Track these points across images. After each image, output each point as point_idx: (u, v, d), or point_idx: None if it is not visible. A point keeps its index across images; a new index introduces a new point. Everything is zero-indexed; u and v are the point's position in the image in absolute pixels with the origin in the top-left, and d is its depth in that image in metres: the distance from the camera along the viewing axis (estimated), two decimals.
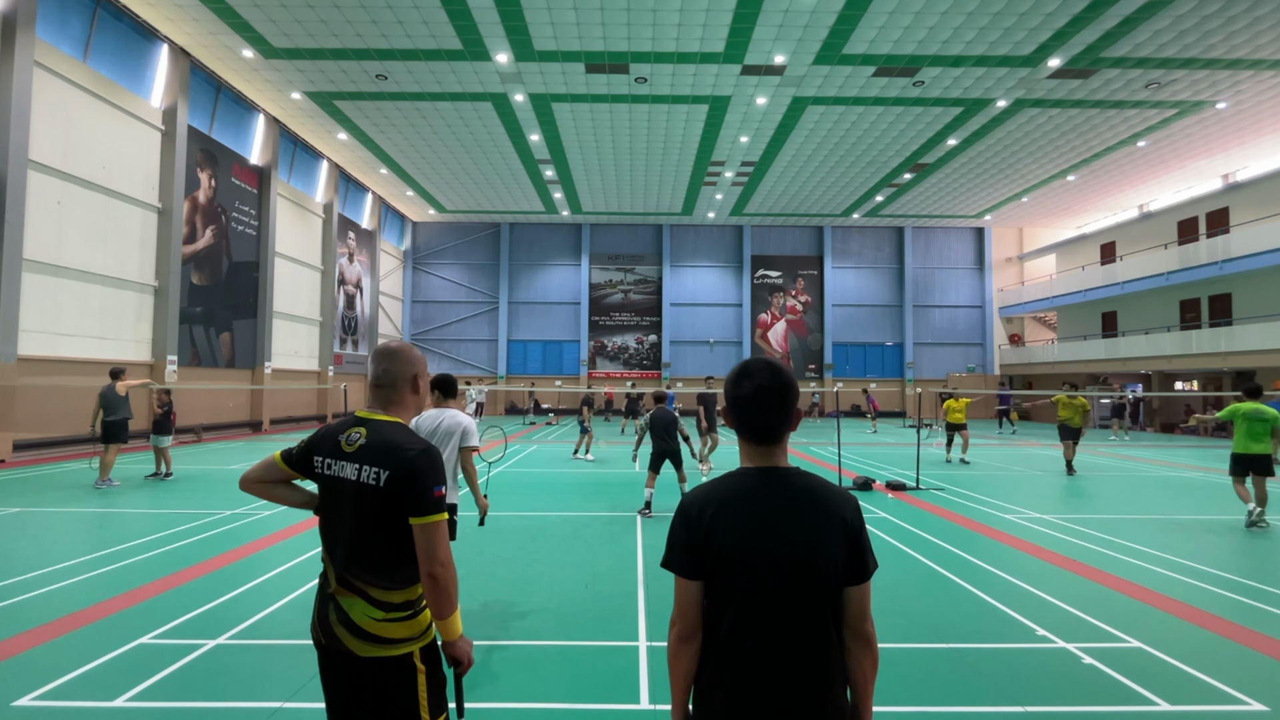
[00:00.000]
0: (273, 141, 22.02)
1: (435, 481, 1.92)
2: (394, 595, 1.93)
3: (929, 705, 3.54)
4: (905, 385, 35.22)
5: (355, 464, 1.96)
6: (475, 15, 15.33)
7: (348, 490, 1.96)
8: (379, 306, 31.57)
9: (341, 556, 1.95)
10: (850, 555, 1.52)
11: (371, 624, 1.90)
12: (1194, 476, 12.84)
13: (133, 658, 4.02)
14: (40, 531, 7.32)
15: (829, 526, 1.52)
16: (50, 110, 14.06)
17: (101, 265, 15.50)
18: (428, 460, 1.93)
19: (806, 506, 1.53)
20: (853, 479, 11.15)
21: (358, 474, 1.95)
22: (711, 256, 35.86)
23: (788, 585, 1.50)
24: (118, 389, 10.47)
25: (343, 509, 1.97)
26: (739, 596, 1.51)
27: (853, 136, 22.70)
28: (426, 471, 1.91)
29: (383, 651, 1.89)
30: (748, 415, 1.59)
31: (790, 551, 1.50)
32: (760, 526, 1.51)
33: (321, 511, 2.06)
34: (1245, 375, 24.37)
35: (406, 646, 1.93)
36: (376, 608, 1.91)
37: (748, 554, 1.51)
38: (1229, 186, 24.93)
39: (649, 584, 5.62)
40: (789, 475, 1.57)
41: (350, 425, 2.05)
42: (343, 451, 1.99)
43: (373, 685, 1.90)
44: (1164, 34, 15.67)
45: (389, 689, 1.90)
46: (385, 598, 1.92)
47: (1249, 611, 5.04)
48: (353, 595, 1.91)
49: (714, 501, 1.55)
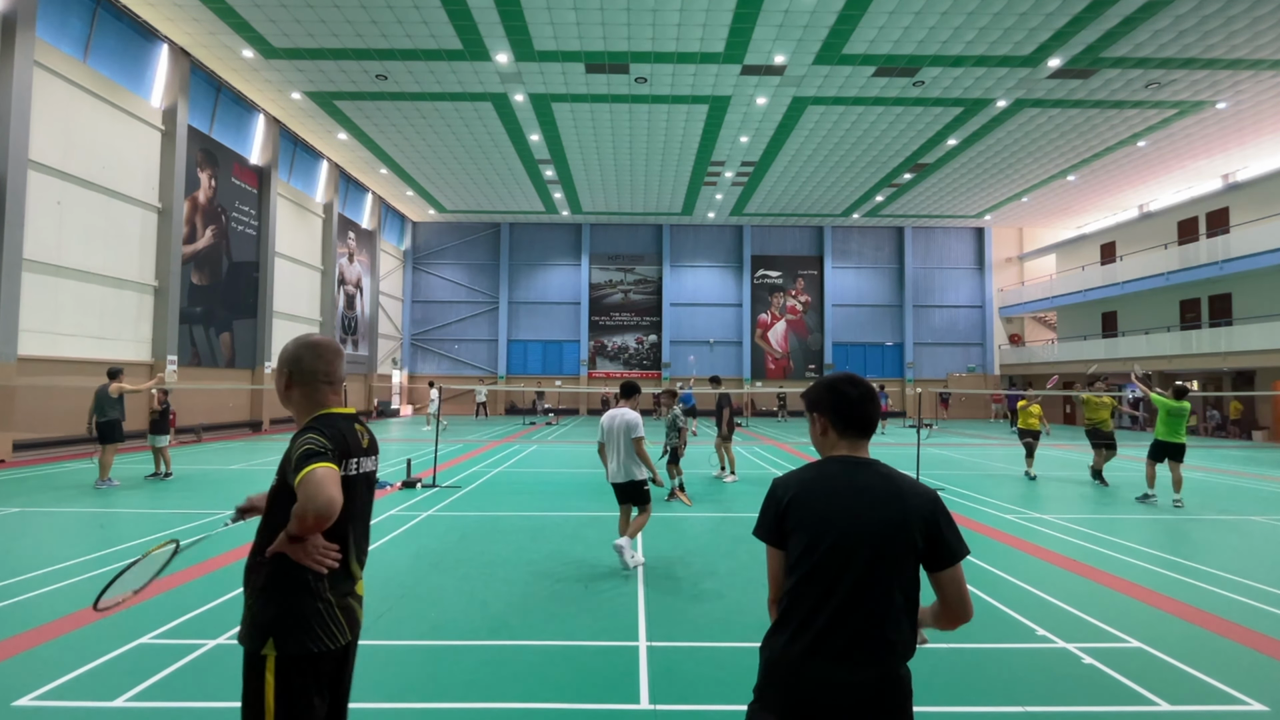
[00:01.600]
0: (273, 141, 22.02)
1: None
2: None
3: (929, 705, 3.54)
4: (905, 385, 35.23)
5: (372, 457, 2.13)
6: (475, 15, 15.33)
7: (369, 485, 2.11)
8: (379, 306, 31.57)
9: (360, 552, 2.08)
10: (930, 541, 1.71)
11: None
12: (1194, 476, 12.83)
13: (133, 658, 4.02)
14: (40, 531, 7.32)
15: (900, 509, 1.71)
16: (50, 110, 14.06)
17: (101, 265, 15.51)
18: None
19: (879, 490, 1.74)
20: None
21: (374, 466, 2.14)
22: (711, 256, 35.86)
23: (854, 558, 1.69)
24: (110, 390, 10.30)
25: (367, 505, 2.11)
26: (808, 563, 1.72)
27: (853, 136, 22.70)
28: None
29: None
30: (855, 413, 1.85)
31: (857, 527, 1.70)
32: (833, 502, 1.74)
33: (348, 512, 1.99)
34: (1245, 375, 24.39)
35: None
36: None
37: (817, 525, 1.73)
38: (1229, 186, 24.93)
39: (649, 584, 5.62)
40: (870, 464, 1.81)
41: (352, 421, 2.10)
42: (363, 449, 2.10)
43: None
44: (1164, 34, 15.67)
45: None
46: None
47: (1249, 611, 5.04)
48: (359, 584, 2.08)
49: (798, 482, 1.81)
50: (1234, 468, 14.64)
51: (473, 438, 20.37)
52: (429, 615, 4.83)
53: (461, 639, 4.40)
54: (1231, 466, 14.86)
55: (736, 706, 3.50)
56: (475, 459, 14.72)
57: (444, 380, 33.60)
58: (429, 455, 13.76)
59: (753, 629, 4.62)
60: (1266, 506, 9.70)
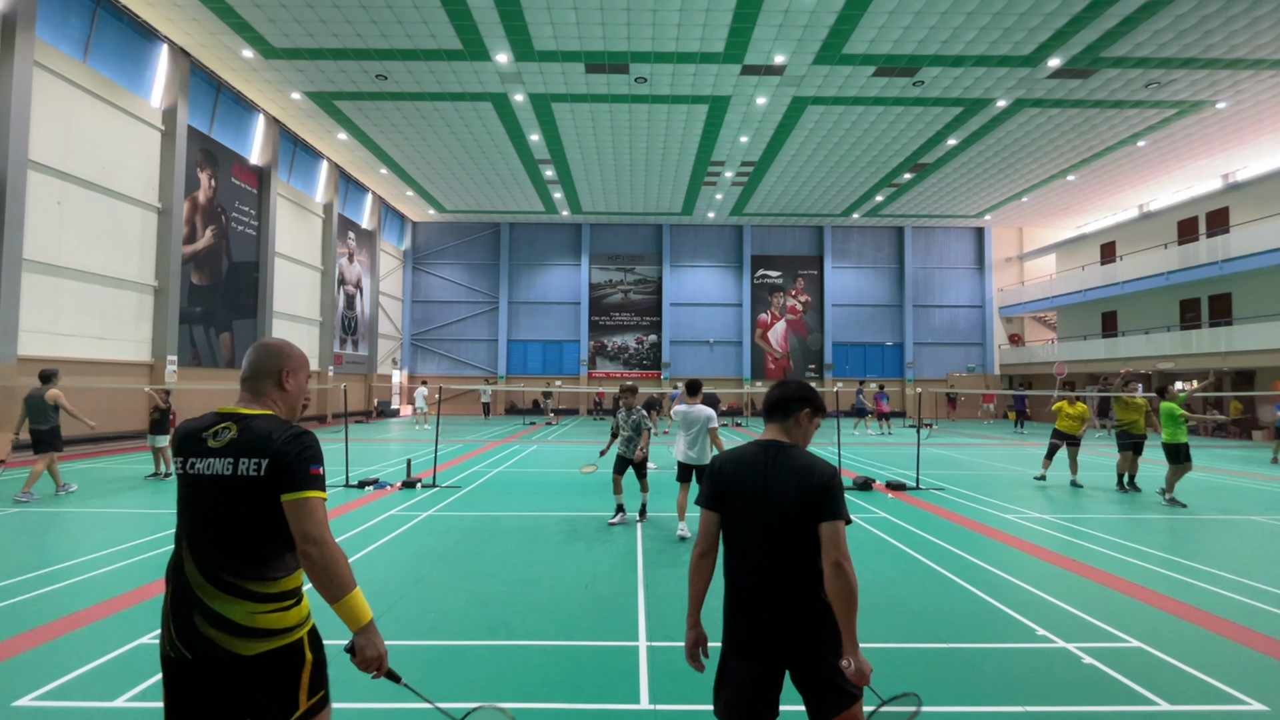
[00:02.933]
0: (273, 141, 22.02)
1: (312, 461, 1.93)
2: (276, 586, 1.91)
3: (929, 705, 3.54)
4: (905, 385, 35.23)
5: (229, 458, 1.91)
6: (475, 15, 15.33)
7: (223, 485, 1.90)
8: (379, 306, 31.57)
9: (215, 557, 1.88)
10: (822, 500, 2.13)
11: (258, 619, 1.86)
12: (1193, 476, 12.83)
13: (133, 658, 4.02)
14: (40, 531, 7.32)
15: (805, 479, 2.16)
16: (50, 110, 14.06)
17: (101, 265, 15.51)
18: (303, 443, 1.94)
19: (787, 464, 2.22)
20: (853, 479, 11.15)
21: (233, 468, 1.90)
22: (711, 256, 35.85)
23: (769, 519, 2.19)
24: (47, 397, 9.25)
25: (216, 506, 1.91)
26: (736, 527, 2.26)
27: (853, 136, 22.70)
28: (301, 452, 1.92)
29: (273, 644, 1.88)
30: (766, 406, 2.43)
31: (769, 494, 2.20)
32: (753, 475, 2.24)
33: (186, 513, 1.94)
34: (1245, 375, 24.39)
35: (296, 634, 1.93)
36: (260, 601, 1.87)
37: (741, 494, 2.25)
38: (1229, 186, 24.93)
39: (649, 584, 5.62)
40: (785, 447, 2.29)
41: (214, 423, 2.00)
42: (209, 449, 1.94)
43: (254, 682, 1.86)
44: (1164, 34, 15.67)
45: (274, 680, 1.88)
46: (267, 590, 1.89)
47: (1249, 611, 5.04)
48: (229, 596, 1.85)
49: (731, 459, 2.34)
50: (1234, 468, 14.64)
51: (472, 438, 20.37)
52: (429, 615, 4.83)
53: (461, 639, 4.40)
54: (1231, 466, 14.87)
55: None
56: (475, 459, 14.71)
57: (444, 380, 33.60)
58: (429, 455, 13.77)
59: None
60: (1266, 506, 9.70)
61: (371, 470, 12.43)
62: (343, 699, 3.56)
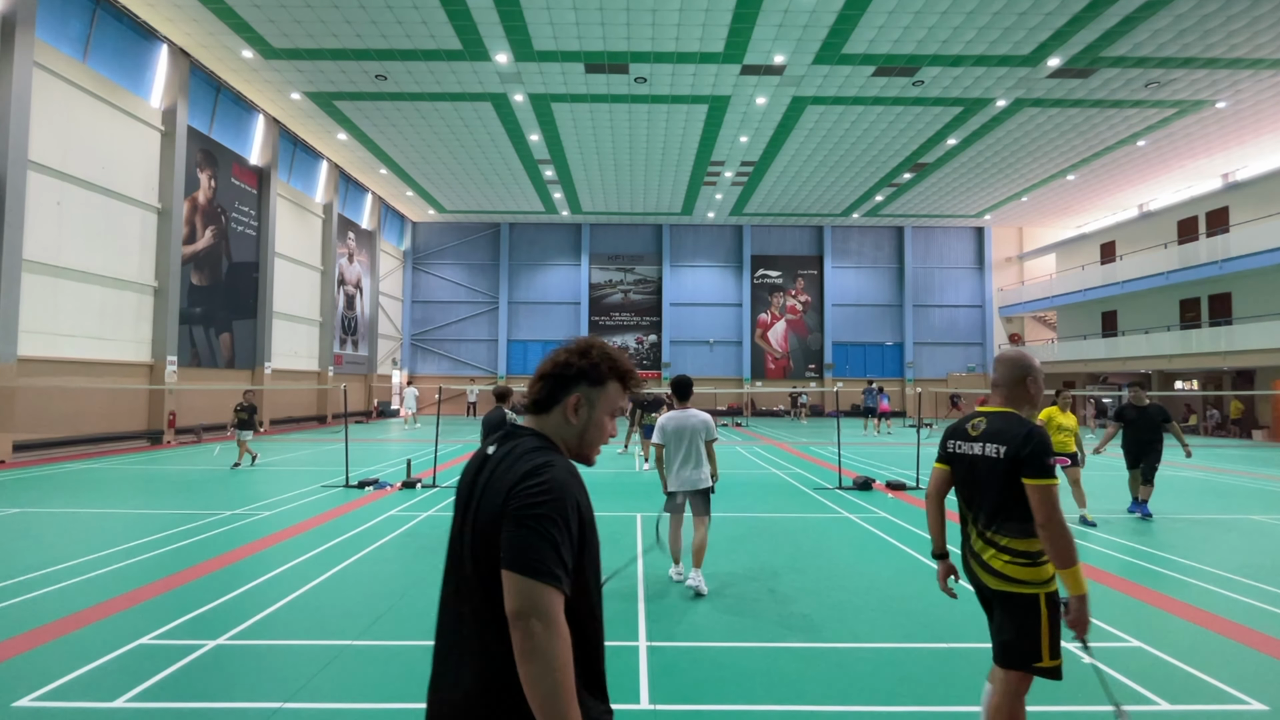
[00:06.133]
0: (272, 142, 22.02)
1: (1045, 453, 2.48)
2: (1015, 544, 2.55)
3: (929, 705, 3.54)
4: (905, 385, 35.23)
5: (980, 444, 2.65)
6: (475, 15, 15.32)
7: (973, 464, 2.66)
8: (379, 307, 31.57)
9: (976, 514, 2.67)
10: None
11: (999, 565, 2.57)
12: (1193, 475, 12.84)
13: (133, 658, 4.02)
14: (40, 531, 7.32)
15: None
16: (50, 110, 14.05)
17: (101, 266, 15.50)
18: (1031, 439, 2.50)
19: None
20: (853, 479, 11.15)
21: (982, 450, 2.63)
22: (711, 256, 35.86)
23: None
24: None
25: (975, 478, 2.65)
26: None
27: (852, 136, 22.70)
28: (1036, 446, 2.48)
29: (1005, 587, 2.56)
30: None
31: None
32: None
33: (959, 482, 2.77)
34: (1245, 374, 24.39)
35: (1029, 589, 2.53)
36: (1001, 552, 2.57)
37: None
38: (1229, 186, 24.93)
39: (649, 584, 5.62)
40: None
41: (974, 417, 2.75)
42: (970, 436, 2.71)
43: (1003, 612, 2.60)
44: (1164, 33, 15.67)
45: (1017, 620, 2.55)
46: (1015, 545, 2.54)
47: (1249, 611, 5.04)
48: (983, 543, 2.63)
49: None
50: (1234, 467, 14.64)
51: (472, 438, 20.36)
52: (429, 615, 4.82)
53: None
54: (1231, 466, 14.87)
55: (736, 706, 3.50)
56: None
57: (444, 381, 33.61)
58: (429, 455, 13.77)
59: (751, 628, 4.62)
60: (1266, 506, 9.70)
61: (371, 470, 12.43)
62: (344, 699, 3.56)
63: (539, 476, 1.35)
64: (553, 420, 1.54)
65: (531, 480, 1.35)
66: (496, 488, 1.38)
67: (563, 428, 1.54)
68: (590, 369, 1.54)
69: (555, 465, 1.39)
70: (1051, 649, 2.49)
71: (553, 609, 1.27)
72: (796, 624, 4.71)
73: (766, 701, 3.55)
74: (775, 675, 3.90)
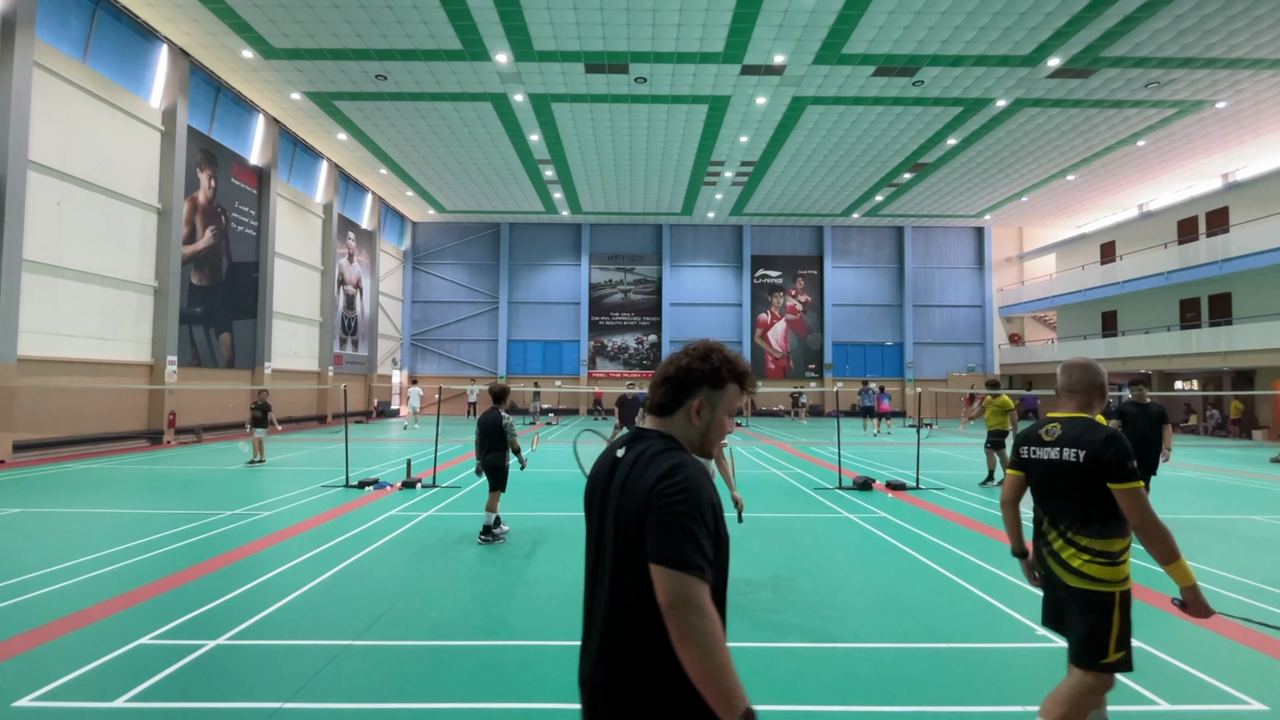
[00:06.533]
0: (272, 142, 22.02)
1: (1128, 457, 2.55)
2: (1095, 544, 2.62)
3: (929, 705, 3.54)
4: (905, 385, 35.23)
5: (1056, 449, 2.70)
6: (475, 15, 15.32)
7: (1050, 469, 2.71)
8: (379, 307, 31.57)
9: (1055, 516, 2.73)
10: None
11: (1079, 564, 2.64)
12: (1193, 475, 12.84)
13: (133, 658, 4.02)
14: (40, 531, 7.32)
15: None
16: (50, 110, 14.05)
17: (101, 266, 15.50)
18: (1112, 443, 2.58)
19: None
20: (853, 479, 11.15)
21: (1060, 454, 2.69)
22: (711, 256, 35.86)
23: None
24: None
25: (1054, 483, 2.71)
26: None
27: (852, 136, 22.70)
28: (1118, 451, 2.55)
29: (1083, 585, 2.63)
30: None
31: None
32: None
33: (1035, 486, 2.83)
34: (1245, 375, 24.38)
35: (1107, 587, 2.60)
36: (1081, 552, 2.64)
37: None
38: (1229, 186, 24.93)
39: None
40: None
41: (1047, 423, 2.81)
42: (1043, 441, 2.77)
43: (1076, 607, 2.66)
44: (1164, 33, 15.67)
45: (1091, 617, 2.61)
46: (1094, 545, 2.62)
47: (1249, 611, 5.04)
48: (1063, 542, 2.69)
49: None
50: (1234, 467, 14.64)
51: (472, 438, 20.34)
52: (429, 615, 4.83)
53: (461, 639, 4.40)
54: (1231, 466, 14.86)
55: None
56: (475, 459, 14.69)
57: (444, 381, 33.60)
58: (429, 455, 13.77)
59: (750, 628, 4.62)
60: (1266, 506, 9.70)
61: (371, 470, 12.43)
62: (344, 699, 3.56)
63: (676, 476, 1.46)
64: (677, 422, 1.63)
65: (669, 480, 1.46)
66: (636, 489, 1.49)
67: (687, 429, 1.63)
68: (712, 373, 1.62)
69: (688, 465, 1.49)
70: (1118, 643, 2.58)
71: (701, 597, 1.37)
72: (796, 624, 4.71)
73: (766, 702, 3.54)
74: (775, 675, 3.90)
